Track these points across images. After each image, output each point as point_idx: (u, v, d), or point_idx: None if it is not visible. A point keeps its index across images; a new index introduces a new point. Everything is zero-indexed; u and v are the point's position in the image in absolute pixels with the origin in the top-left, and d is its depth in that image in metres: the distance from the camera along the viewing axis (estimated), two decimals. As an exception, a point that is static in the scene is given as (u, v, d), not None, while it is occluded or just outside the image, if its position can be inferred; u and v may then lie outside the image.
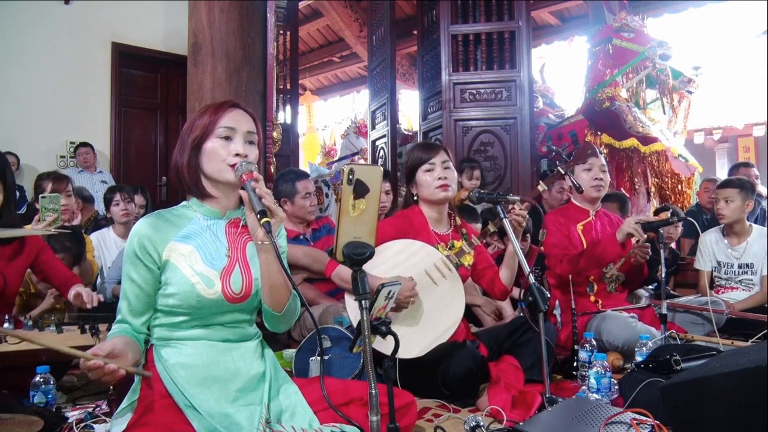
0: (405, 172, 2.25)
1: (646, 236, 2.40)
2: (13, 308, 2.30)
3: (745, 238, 3.01)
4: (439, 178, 2.12)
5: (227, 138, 1.36)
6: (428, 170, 2.15)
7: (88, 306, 2.05)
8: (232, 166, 1.34)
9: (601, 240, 2.48)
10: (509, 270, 2.17)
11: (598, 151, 2.49)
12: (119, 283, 3.05)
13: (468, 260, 2.15)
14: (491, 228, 2.13)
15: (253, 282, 1.39)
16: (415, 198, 2.24)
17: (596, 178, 2.56)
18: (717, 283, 3.10)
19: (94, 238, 3.26)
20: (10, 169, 2.11)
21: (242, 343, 1.42)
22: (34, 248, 2.20)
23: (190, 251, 1.35)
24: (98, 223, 3.82)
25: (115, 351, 1.19)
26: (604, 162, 2.64)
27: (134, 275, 1.34)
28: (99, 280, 3.20)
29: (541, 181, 2.24)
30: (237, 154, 1.34)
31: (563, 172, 2.30)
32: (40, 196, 2.49)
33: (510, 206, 2.06)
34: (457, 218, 2.31)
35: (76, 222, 3.01)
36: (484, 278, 2.27)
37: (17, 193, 4.45)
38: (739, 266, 3.01)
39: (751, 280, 2.98)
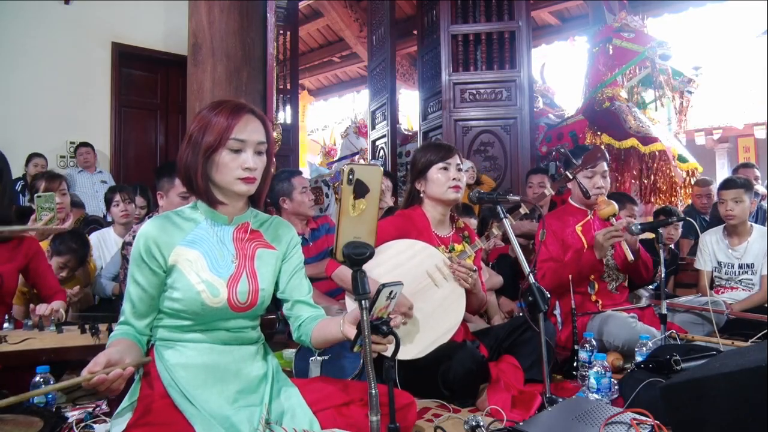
0: (416, 168, 2.22)
1: (621, 230, 2.36)
2: (10, 308, 2.30)
3: (746, 238, 3.01)
4: (453, 179, 2.13)
5: (237, 150, 1.33)
6: (443, 168, 2.15)
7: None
8: (242, 179, 1.33)
9: (581, 255, 2.49)
10: (469, 303, 2.14)
11: (606, 155, 2.46)
12: (115, 279, 3.07)
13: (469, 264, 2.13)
14: (495, 231, 2.13)
15: (260, 292, 1.39)
16: (421, 195, 2.23)
17: (597, 187, 2.55)
18: (717, 283, 3.10)
19: (94, 238, 3.26)
20: (8, 167, 2.12)
21: (244, 346, 1.42)
22: (30, 251, 2.20)
23: (196, 257, 1.34)
24: (87, 223, 3.83)
25: (111, 361, 1.17)
26: (606, 167, 2.63)
27: (139, 278, 1.33)
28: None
29: (548, 185, 2.25)
30: (247, 168, 1.33)
31: (571, 177, 2.29)
32: (35, 195, 2.50)
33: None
34: (460, 221, 2.31)
35: (67, 224, 3.00)
36: None
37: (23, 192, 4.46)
38: (740, 266, 3.01)
39: (752, 280, 2.98)
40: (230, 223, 1.42)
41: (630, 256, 2.32)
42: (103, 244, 3.31)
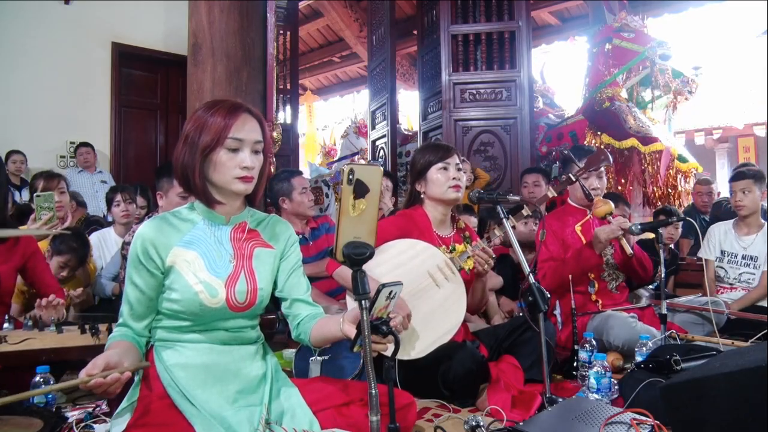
0: (416, 169, 2.22)
1: (622, 231, 2.39)
2: (9, 308, 2.29)
3: (756, 231, 3.01)
4: (453, 179, 2.14)
5: (235, 150, 1.33)
6: (443, 168, 2.15)
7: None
8: (240, 178, 1.33)
9: (581, 252, 2.50)
10: (474, 294, 2.17)
11: (609, 158, 2.47)
12: (115, 279, 3.07)
13: (470, 264, 2.11)
14: (497, 232, 2.13)
15: (258, 292, 1.39)
16: (421, 196, 2.23)
17: (593, 188, 2.56)
18: (717, 275, 3.09)
19: (95, 238, 3.26)
20: (3, 169, 2.12)
21: (243, 346, 1.41)
22: (28, 250, 2.19)
23: (193, 258, 1.34)
24: (89, 223, 3.84)
25: (110, 363, 1.16)
26: (602, 168, 2.63)
27: (137, 279, 1.33)
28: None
29: (550, 187, 2.26)
30: (245, 167, 1.33)
31: (574, 180, 2.29)
32: (34, 195, 2.50)
33: (487, 236, 2.11)
34: (461, 221, 2.30)
35: (67, 223, 3.01)
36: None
37: (18, 193, 4.46)
38: (743, 257, 3.00)
39: (753, 274, 2.97)
40: (227, 223, 1.42)
41: (628, 250, 2.38)
42: (104, 244, 3.31)
